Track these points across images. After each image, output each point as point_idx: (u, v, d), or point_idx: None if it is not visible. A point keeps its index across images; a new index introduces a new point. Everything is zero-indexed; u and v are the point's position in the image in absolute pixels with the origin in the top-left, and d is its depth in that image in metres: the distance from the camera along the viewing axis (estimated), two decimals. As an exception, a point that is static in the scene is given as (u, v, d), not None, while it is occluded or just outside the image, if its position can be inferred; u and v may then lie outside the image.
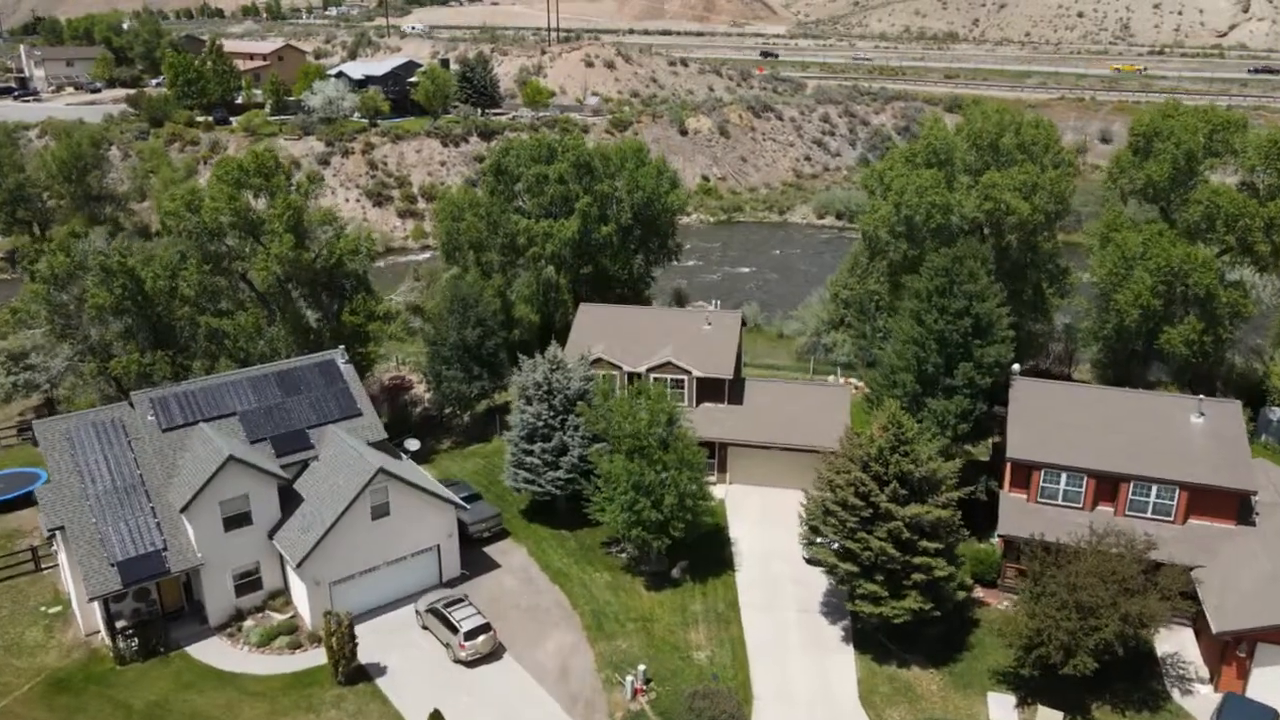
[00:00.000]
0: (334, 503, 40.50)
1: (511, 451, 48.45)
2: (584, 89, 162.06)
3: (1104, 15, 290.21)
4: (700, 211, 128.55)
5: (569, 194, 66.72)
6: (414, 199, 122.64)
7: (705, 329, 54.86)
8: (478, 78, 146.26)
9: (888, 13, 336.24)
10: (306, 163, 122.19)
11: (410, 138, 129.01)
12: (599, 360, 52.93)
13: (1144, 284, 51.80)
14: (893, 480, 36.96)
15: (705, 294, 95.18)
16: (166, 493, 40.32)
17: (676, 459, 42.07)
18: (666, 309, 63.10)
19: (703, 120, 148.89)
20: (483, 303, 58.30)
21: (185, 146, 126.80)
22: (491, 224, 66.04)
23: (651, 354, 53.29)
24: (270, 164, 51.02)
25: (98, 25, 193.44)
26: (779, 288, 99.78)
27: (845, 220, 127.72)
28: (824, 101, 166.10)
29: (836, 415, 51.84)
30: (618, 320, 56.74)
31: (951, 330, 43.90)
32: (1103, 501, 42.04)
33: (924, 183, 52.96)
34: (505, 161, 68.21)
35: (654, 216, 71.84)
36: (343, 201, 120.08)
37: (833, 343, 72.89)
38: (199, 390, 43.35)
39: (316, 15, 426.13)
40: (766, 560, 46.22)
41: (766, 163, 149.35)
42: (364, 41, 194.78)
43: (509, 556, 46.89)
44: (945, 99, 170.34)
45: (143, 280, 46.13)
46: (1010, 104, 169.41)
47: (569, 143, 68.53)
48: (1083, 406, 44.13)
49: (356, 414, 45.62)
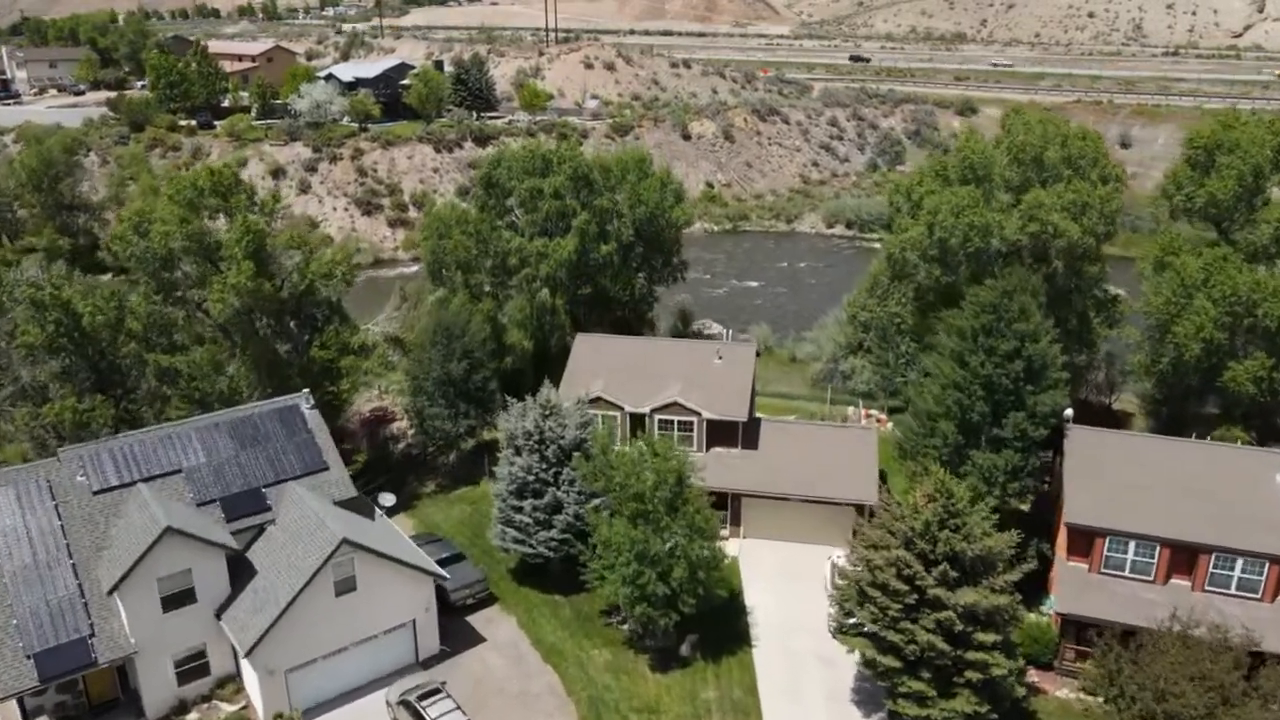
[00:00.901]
0: (291, 578, 34.99)
1: (499, 507, 42.94)
2: (583, 92, 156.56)
3: (1115, 15, 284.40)
4: (704, 220, 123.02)
5: (565, 209, 61.23)
6: (405, 207, 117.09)
7: (716, 364, 49.34)
8: (473, 80, 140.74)
9: (893, 13, 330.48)
10: (293, 169, 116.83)
11: (401, 143, 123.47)
12: (598, 399, 47.44)
13: (1206, 315, 46.24)
14: (942, 561, 31.44)
15: (711, 311, 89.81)
16: (96, 567, 34.80)
17: (686, 524, 36.56)
18: (673, 341, 57.10)
19: (706, 124, 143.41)
20: (470, 332, 52.78)
21: (167, 152, 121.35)
22: (481, 242, 60.54)
23: (656, 392, 47.78)
24: (228, 181, 45.50)
25: (82, 25, 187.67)
26: (789, 303, 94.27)
27: (856, 229, 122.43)
28: (831, 104, 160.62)
29: (863, 461, 46.40)
30: (618, 352, 51.23)
31: (1001, 375, 38.39)
32: (1178, 573, 36.53)
33: (960, 201, 47.45)
34: (496, 174, 62.72)
35: (657, 233, 66.41)
36: (330, 210, 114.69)
37: (851, 369, 67.28)
38: (138, 444, 37.81)
39: (314, 16, 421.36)
40: (788, 633, 40.71)
41: (773, 168, 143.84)
42: (357, 42, 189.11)
43: (496, 628, 41.37)
44: (957, 101, 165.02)
45: (79, 315, 40.58)
46: (1026, 107, 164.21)
47: (565, 153, 63.01)
48: (1152, 461, 38.61)
49: (321, 468, 40.07)
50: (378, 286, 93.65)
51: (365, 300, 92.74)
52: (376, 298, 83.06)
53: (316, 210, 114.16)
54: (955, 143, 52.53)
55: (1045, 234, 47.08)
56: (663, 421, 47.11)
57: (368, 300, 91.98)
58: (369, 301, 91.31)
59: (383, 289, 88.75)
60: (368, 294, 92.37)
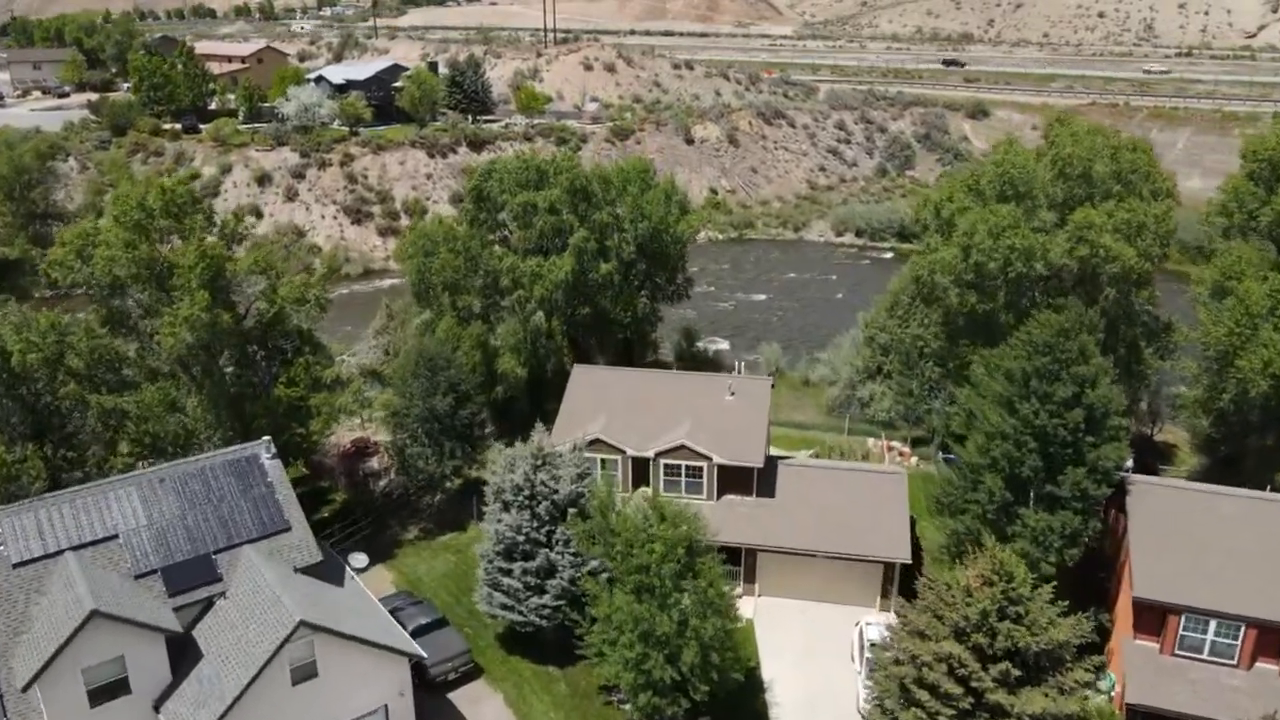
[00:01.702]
0: (241, 665, 30.14)
1: (485, 569, 38.12)
2: (582, 94, 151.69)
3: (1126, 15, 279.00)
4: (709, 228, 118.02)
5: (562, 225, 56.44)
6: (396, 215, 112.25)
7: (728, 400, 44.50)
8: (468, 82, 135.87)
9: (898, 13, 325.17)
10: (279, 175, 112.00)
11: (393, 148, 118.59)
12: (597, 442, 42.62)
13: (1275, 348, 41.40)
14: (1002, 658, 26.60)
15: (717, 327, 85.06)
16: (12, 656, 29.94)
17: (699, 602, 31.70)
18: (680, 374, 51.47)
19: (710, 128, 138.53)
20: (455, 363, 47.98)
21: (149, 157, 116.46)
22: (470, 261, 55.77)
23: (662, 433, 42.95)
24: (183, 200, 40.56)
25: (69, 25, 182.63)
26: (799, 318, 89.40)
27: (866, 238, 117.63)
28: (838, 107, 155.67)
29: (893, 511, 41.61)
30: (620, 386, 46.38)
31: (1057, 425, 33.54)
32: (1264, 657, 31.71)
33: (1000, 221, 42.62)
34: (487, 187, 57.92)
35: (661, 248, 61.63)
36: (318, 218, 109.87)
37: (870, 396, 62.41)
38: (69, 505, 32.95)
39: (311, 16, 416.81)
40: (812, 713, 35.90)
41: (779, 173, 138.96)
42: (351, 43, 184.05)
43: (481, 708, 36.56)
44: (968, 104, 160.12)
45: (8, 352, 35.73)
46: (1038, 109, 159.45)
47: (562, 163, 58.18)
48: (1233, 521, 33.74)
49: (282, 529, 35.18)
50: (364, 301, 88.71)
51: (352, 313, 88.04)
52: (364, 311, 77.94)
53: (304, 218, 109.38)
54: (992, 153, 47.54)
55: (1095, 258, 42.24)
56: (669, 467, 42.30)
57: (355, 313, 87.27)
58: (356, 315, 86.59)
59: (370, 303, 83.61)
60: (355, 307, 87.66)
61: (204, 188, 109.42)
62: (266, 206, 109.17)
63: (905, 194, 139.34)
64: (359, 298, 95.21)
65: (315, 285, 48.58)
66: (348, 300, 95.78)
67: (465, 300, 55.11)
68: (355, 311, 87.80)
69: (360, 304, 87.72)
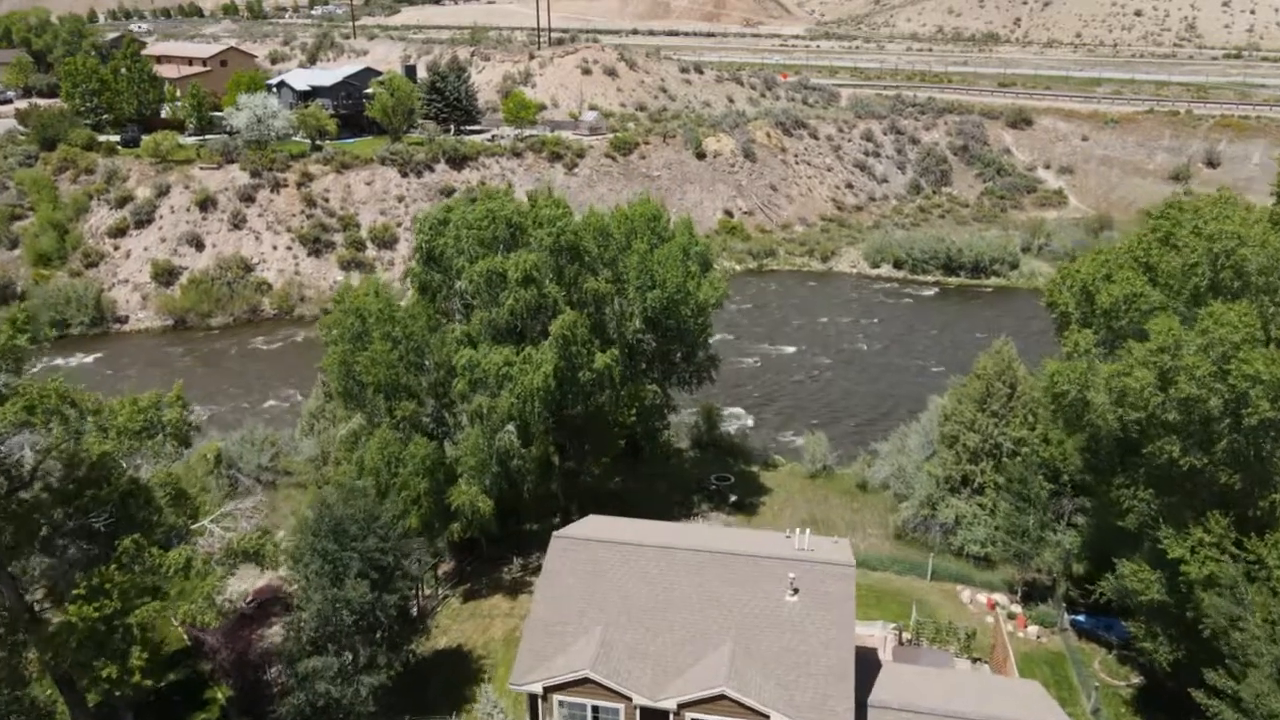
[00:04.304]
0: None
1: None
2: (580, 101, 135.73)
3: (1165, 14, 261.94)
4: (724, 256, 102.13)
5: (543, 300, 40.65)
6: (361, 245, 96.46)
7: (789, 602, 28.75)
8: (450, 88, 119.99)
9: (917, 11, 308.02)
10: (225, 199, 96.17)
11: (360, 166, 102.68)
12: (586, 682, 26.91)
13: None
14: None
15: (739, 394, 69.17)
16: None
17: None
18: (712, 555, 33.15)
19: (724, 140, 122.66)
20: (379, 525, 32.22)
21: (79, 175, 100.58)
22: (415, 350, 40.06)
23: (686, 660, 27.28)
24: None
25: (15, 25, 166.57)
26: (841, 381, 73.50)
27: (906, 270, 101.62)
28: (865, 115, 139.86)
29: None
30: (622, 570, 30.59)
31: None
32: None
33: (1226, 332, 26.81)
34: (439, 244, 42.10)
35: (679, 323, 45.94)
36: (269, 249, 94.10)
37: (956, 519, 46.60)
38: None
39: (302, 15, 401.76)
40: None
41: (800, 191, 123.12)
42: (326, 44, 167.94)
43: None
44: (1007, 111, 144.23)
45: None
46: (1086, 116, 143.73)
47: (544, 213, 42.26)
48: None
49: None
50: (319, 350, 72.48)
51: (300, 369, 72.52)
52: (312, 363, 61.36)
53: (253, 249, 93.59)
54: (1175, 213, 31.65)
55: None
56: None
57: (301, 370, 71.67)
58: (302, 373, 70.88)
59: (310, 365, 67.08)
60: (307, 358, 71.98)
61: (136, 213, 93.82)
62: (209, 236, 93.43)
63: (943, 214, 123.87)
64: (314, 348, 79.27)
65: (173, 402, 32.80)
66: (303, 349, 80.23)
67: (404, 409, 39.30)
68: (303, 367, 72.22)
69: (314, 354, 71.63)
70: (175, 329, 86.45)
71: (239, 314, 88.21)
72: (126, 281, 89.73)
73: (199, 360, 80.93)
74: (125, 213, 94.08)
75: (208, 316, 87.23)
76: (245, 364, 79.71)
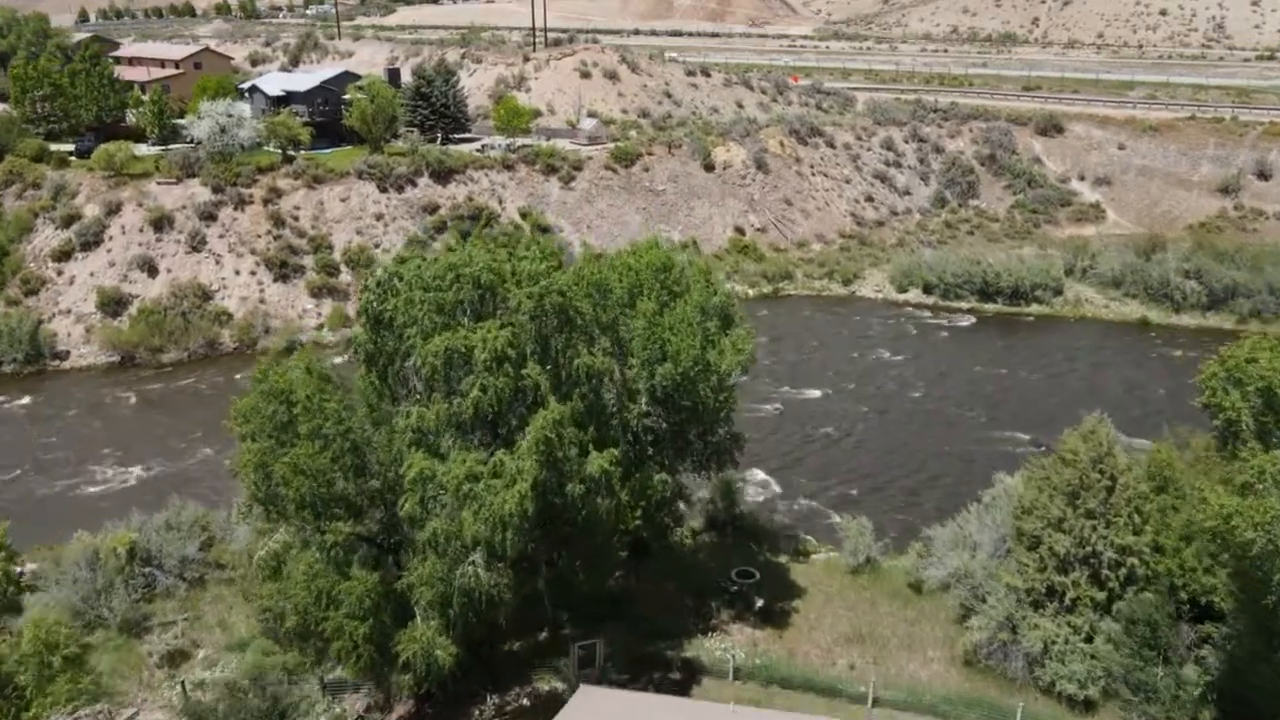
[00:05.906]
0: None
1: None
2: (578, 107, 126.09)
3: (1192, 14, 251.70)
4: (735, 279, 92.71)
5: (521, 384, 31.01)
6: (335, 269, 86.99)
7: None
8: (436, 93, 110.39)
9: (930, 11, 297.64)
10: (183, 217, 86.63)
11: (334, 180, 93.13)
12: None
13: None
14: None
15: (760, 450, 59.15)
16: None
17: None
18: None
19: (734, 150, 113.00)
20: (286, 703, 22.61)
21: (25, 190, 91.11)
22: (354, 452, 30.49)
23: None
24: None
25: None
26: (878, 435, 63.79)
27: (938, 295, 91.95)
28: (884, 122, 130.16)
29: None
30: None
31: None
32: None
33: None
34: (387, 310, 32.45)
35: (695, 401, 36.36)
36: (232, 274, 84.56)
37: (1045, 645, 37.00)
38: None
39: (297, 14, 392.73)
40: None
41: (817, 205, 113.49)
42: (309, 44, 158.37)
43: None
44: (1035, 117, 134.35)
45: None
46: (1121, 122, 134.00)
47: (524, 267, 32.62)
48: None
49: None
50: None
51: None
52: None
53: (212, 274, 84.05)
54: None
55: None
56: None
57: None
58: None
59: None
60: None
61: (83, 234, 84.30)
62: (163, 259, 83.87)
63: (972, 230, 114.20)
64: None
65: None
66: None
67: (337, 532, 29.69)
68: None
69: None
70: (122, 366, 76.85)
71: (195, 348, 78.56)
72: (69, 312, 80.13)
73: (146, 402, 71.47)
74: (70, 233, 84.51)
75: (159, 351, 77.59)
76: (199, 407, 70.01)
